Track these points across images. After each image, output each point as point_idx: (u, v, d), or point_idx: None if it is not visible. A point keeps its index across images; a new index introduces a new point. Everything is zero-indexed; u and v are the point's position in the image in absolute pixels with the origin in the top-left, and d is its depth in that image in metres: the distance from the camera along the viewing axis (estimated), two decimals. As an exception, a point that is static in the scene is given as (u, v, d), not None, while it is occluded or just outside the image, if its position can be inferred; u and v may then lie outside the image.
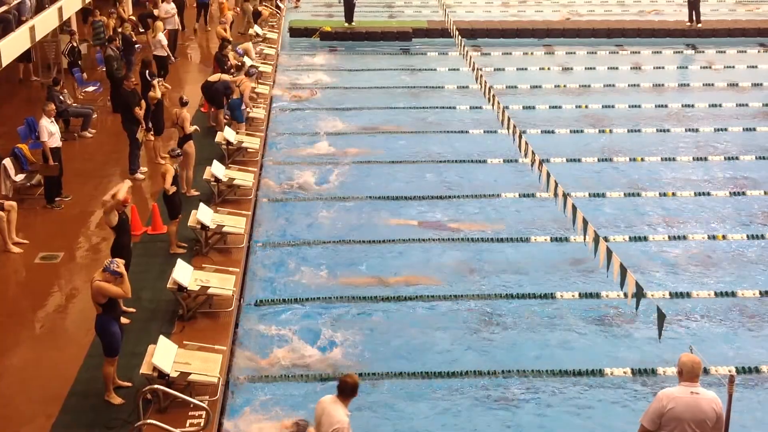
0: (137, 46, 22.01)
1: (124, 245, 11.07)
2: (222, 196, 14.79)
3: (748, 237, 14.31)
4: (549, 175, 13.54)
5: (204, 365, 9.63)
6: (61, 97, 17.29)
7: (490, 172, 17.16)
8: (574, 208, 12.34)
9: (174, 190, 12.75)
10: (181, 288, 11.06)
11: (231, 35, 22.88)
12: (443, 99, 21.90)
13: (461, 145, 18.56)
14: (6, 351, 10.57)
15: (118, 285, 9.31)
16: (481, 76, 19.68)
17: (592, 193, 15.85)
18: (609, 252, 10.88)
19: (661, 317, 9.64)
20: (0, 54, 15.67)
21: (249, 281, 12.86)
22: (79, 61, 20.76)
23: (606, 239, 12.39)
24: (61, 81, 17.97)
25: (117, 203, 10.76)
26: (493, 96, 18.06)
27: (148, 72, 17.63)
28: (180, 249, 12.93)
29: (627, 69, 24.73)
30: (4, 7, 16.16)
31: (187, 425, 9.03)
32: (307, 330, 11.63)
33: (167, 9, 23.72)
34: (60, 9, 18.84)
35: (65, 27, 20.96)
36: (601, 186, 16.30)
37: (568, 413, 10.09)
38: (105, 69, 19.74)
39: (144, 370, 9.34)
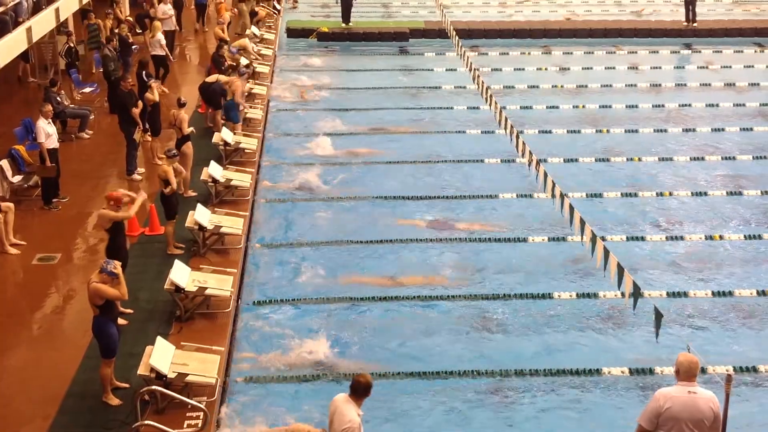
0: (134, 47, 22.00)
1: (119, 246, 11.07)
2: (219, 196, 14.78)
3: (745, 237, 14.33)
4: (546, 175, 13.55)
5: (202, 366, 9.62)
6: (59, 98, 17.27)
7: (487, 172, 17.17)
8: (571, 208, 12.35)
9: (174, 189, 12.76)
10: (179, 289, 11.05)
11: (228, 36, 22.87)
12: (440, 99, 21.91)
13: (458, 145, 18.57)
14: (4, 352, 10.55)
15: (114, 286, 9.30)
16: (479, 76, 19.69)
17: (589, 193, 15.87)
18: (606, 252, 10.89)
19: (659, 317, 9.64)
20: (-4, 55, 15.66)
21: (246, 282, 12.86)
22: (77, 63, 20.74)
23: (603, 239, 12.39)
24: (59, 82, 17.94)
25: (120, 217, 10.61)
26: (491, 96, 18.08)
27: (144, 73, 17.64)
28: (177, 250, 12.93)
29: (624, 69, 24.75)
30: (1, 8, 16.13)
31: (185, 426, 9.02)
32: (305, 330, 11.63)
33: (164, 10, 23.70)
34: (57, 10, 18.80)
35: (62, 28, 20.93)
36: (599, 186, 16.32)
37: (565, 413, 10.10)
38: (102, 70, 19.74)
39: (141, 371, 9.33)
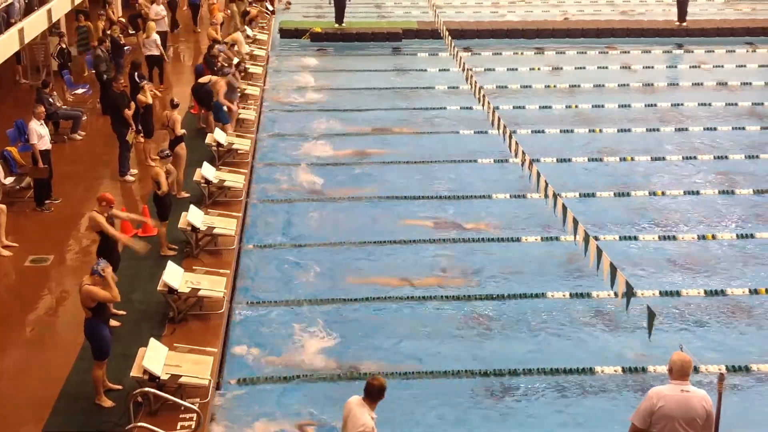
0: (126, 48, 21.96)
1: (111, 247, 11.04)
2: (212, 197, 14.77)
3: (737, 236, 14.36)
4: (539, 175, 13.57)
5: (195, 367, 9.61)
6: (51, 100, 17.23)
7: (480, 172, 17.18)
8: (564, 207, 12.37)
9: (166, 190, 12.74)
10: (172, 290, 11.03)
11: (221, 36, 22.84)
12: (433, 99, 21.91)
13: (451, 146, 18.57)
14: (-4, 354, 10.55)
15: (105, 289, 9.28)
16: (471, 76, 19.71)
17: (582, 193, 15.89)
18: (599, 251, 10.92)
19: (651, 316, 9.67)
20: (-11, 56, 15.63)
21: (240, 283, 12.84)
22: (69, 64, 20.70)
23: (596, 238, 12.41)
24: (51, 83, 17.91)
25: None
26: (483, 96, 18.09)
27: (137, 74, 17.59)
28: (170, 251, 12.91)
29: (617, 69, 24.78)
30: (-8, 10, 16.11)
31: (178, 428, 9.02)
32: (299, 331, 11.62)
33: (157, 11, 23.68)
34: (49, 11, 18.76)
35: (54, 29, 20.89)
36: (591, 185, 16.34)
37: (558, 412, 10.12)
38: (94, 71, 19.70)
39: (134, 372, 9.32)
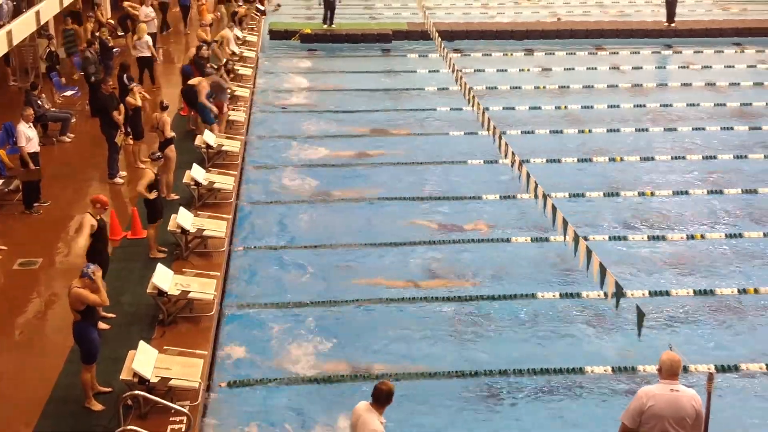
0: (115, 50, 21.91)
1: (100, 250, 11.01)
2: (202, 199, 14.74)
3: (726, 235, 14.42)
4: (529, 176, 13.59)
5: (185, 370, 9.58)
6: (39, 102, 17.18)
7: (470, 173, 17.20)
8: (554, 208, 12.40)
9: (154, 196, 12.67)
10: (162, 293, 11.00)
11: (210, 38, 22.81)
12: (423, 100, 21.94)
13: (441, 147, 18.58)
14: (-15, 358, 10.49)
15: (95, 291, 9.26)
16: (461, 77, 19.74)
17: (571, 193, 15.92)
18: (589, 251, 10.94)
19: (641, 316, 9.70)
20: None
21: (230, 285, 12.82)
22: (57, 66, 20.63)
23: (586, 239, 12.44)
24: (39, 85, 17.84)
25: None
26: (473, 97, 18.12)
27: (126, 76, 17.55)
28: (160, 253, 12.88)
29: (606, 69, 24.87)
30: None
31: (168, 431, 8.99)
32: (289, 333, 11.61)
33: (146, 12, 23.67)
34: (37, 13, 18.69)
35: (43, 31, 20.81)
36: (581, 186, 16.38)
37: (549, 411, 10.14)
38: (83, 73, 19.64)
39: (124, 375, 9.29)
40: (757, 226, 14.82)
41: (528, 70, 24.80)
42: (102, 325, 10.38)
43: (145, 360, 9.43)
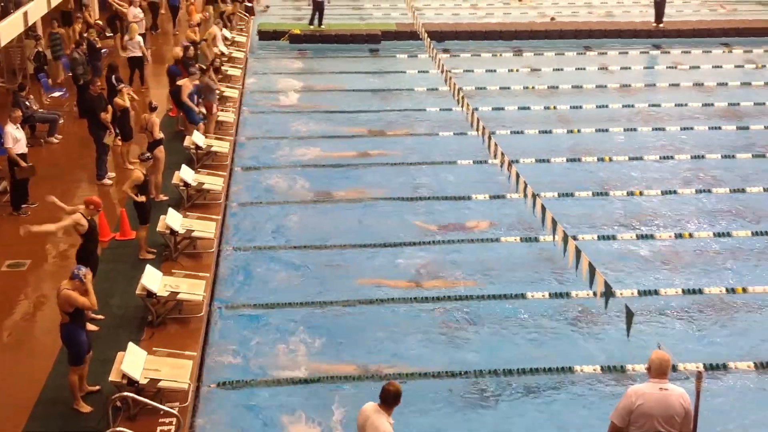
0: (103, 51, 21.85)
1: (90, 251, 10.98)
2: (191, 200, 14.71)
3: (714, 234, 14.47)
4: (518, 176, 13.62)
5: (174, 372, 9.56)
6: (27, 103, 17.11)
7: (460, 173, 17.21)
8: (543, 208, 12.42)
9: (142, 199, 12.62)
10: (151, 294, 10.97)
11: (199, 37, 22.79)
12: (413, 101, 21.95)
13: (431, 147, 18.60)
14: (-28, 360, 10.44)
15: (84, 294, 9.22)
16: (450, 77, 19.76)
17: (560, 193, 15.96)
18: (578, 251, 10.97)
19: (630, 315, 9.73)
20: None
21: (219, 286, 12.79)
22: (45, 67, 20.55)
23: (575, 238, 12.48)
24: (27, 86, 17.76)
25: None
26: (463, 97, 18.14)
27: (114, 77, 17.51)
28: (149, 254, 12.84)
29: (594, 70, 24.94)
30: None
31: (158, 432, 8.98)
32: (279, 334, 11.60)
33: (135, 13, 23.63)
34: (25, 14, 18.62)
35: (30, 32, 20.74)
36: (570, 186, 16.41)
37: (539, 411, 10.15)
38: (71, 74, 19.58)
39: (113, 377, 9.26)
40: (745, 225, 14.88)
41: (517, 70, 24.85)
42: (90, 327, 10.35)
43: (134, 361, 9.40)
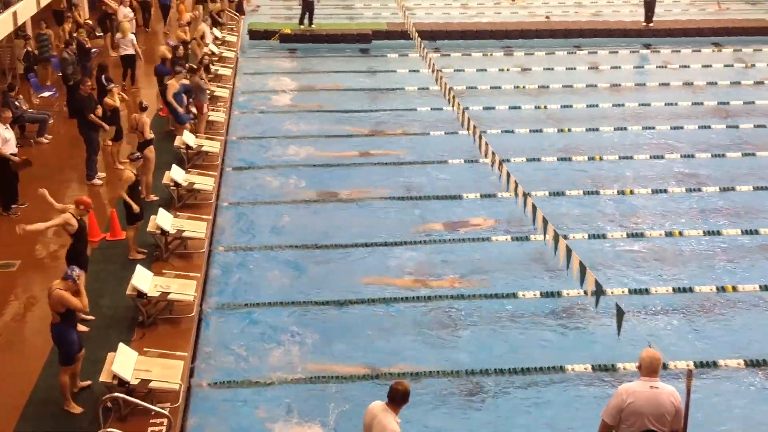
0: (93, 51, 21.78)
1: (80, 252, 10.94)
2: (182, 200, 14.68)
3: (704, 233, 14.52)
4: (509, 175, 13.64)
5: (165, 372, 9.54)
6: (17, 103, 17.04)
7: (451, 172, 17.23)
8: (534, 207, 12.45)
9: (136, 209, 12.58)
10: (141, 294, 10.95)
11: (189, 37, 22.74)
12: (403, 100, 21.95)
13: (422, 146, 18.61)
14: (-38, 361, 10.39)
15: (76, 295, 9.19)
16: (441, 77, 19.77)
17: (551, 192, 15.99)
18: (569, 250, 11.00)
19: (620, 314, 9.76)
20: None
21: (210, 286, 12.77)
22: (35, 67, 20.47)
23: (565, 237, 12.51)
24: (17, 86, 17.69)
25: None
26: (453, 97, 18.15)
27: (104, 76, 17.46)
28: (139, 255, 12.81)
29: (585, 69, 24.99)
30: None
31: (149, 432, 8.96)
32: (270, 334, 11.59)
33: (125, 13, 23.59)
34: (14, 14, 18.54)
35: (20, 32, 20.65)
36: (561, 185, 16.45)
37: (530, 410, 10.17)
38: (61, 74, 19.51)
39: (104, 378, 9.24)
40: (735, 223, 14.94)
41: (508, 69, 24.88)
42: (81, 327, 10.30)
43: (125, 362, 9.38)
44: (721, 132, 19.62)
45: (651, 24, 28.93)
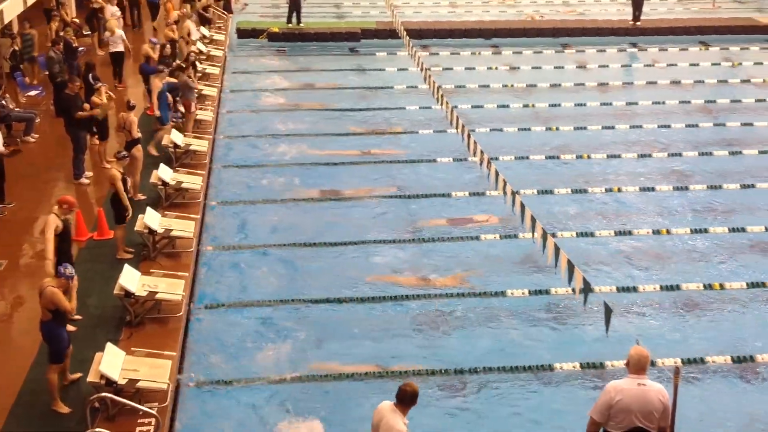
0: (80, 49, 21.67)
1: (65, 251, 10.90)
2: (170, 199, 14.63)
3: (691, 231, 14.59)
4: (498, 173, 13.65)
5: (153, 371, 9.51)
6: (3, 102, 16.95)
7: (439, 171, 17.23)
8: (522, 205, 12.46)
9: (129, 215, 12.55)
10: (129, 294, 10.90)
11: (178, 35, 22.67)
12: (392, 99, 21.94)
13: (411, 145, 18.61)
14: (-52, 362, 10.32)
15: (67, 293, 9.16)
16: (430, 75, 19.77)
17: (540, 190, 16.02)
18: (557, 248, 11.02)
19: (608, 311, 9.79)
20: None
21: (198, 285, 12.73)
22: (21, 66, 20.35)
23: (554, 235, 12.54)
24: (3, 85, 17.59)
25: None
26: (442, 95, 18.16)
27: (91, 75, 17.38)
28: (127, 254, 12.76)
29: (573, 68, 25.05)
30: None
31: (137, 432, 8.93)
32: (258, 333, 11.57)
33: (112, 11, 23.47)
34: (1, 13, 18.44)
35: (6, 31, 20.52)
36: (549, 183, 16.48)
37: (519, 408, 10.19)
38: (47, 73, 19.41)
39: (91, 377, 9.19)
40: (722, 221, 15.01)
41: (496, 68, 24.90)
42: (69, 327, 10.24)
43: (113, 362, 9.34)
44: (709, 130, 19.70)
45: (638, 23, 29.02)
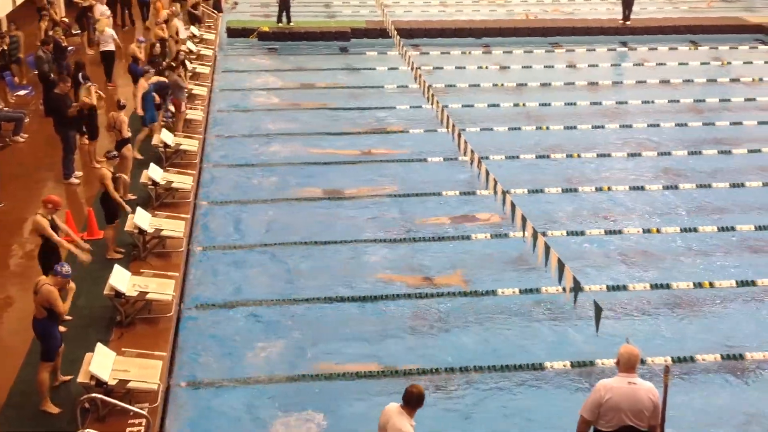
0: (69, 49, 21.59)
1: (51, 250, 10.85)
2: (160, 199, 14.60)
3: (681, 230, 14.64)
4: (488, 173, 13.67)
5: (143, 372, 9.49)
6: (-8, 102, 16.90)
7: (429, 170, 17.25)
8: (512, 204, 12.49)
9: (119, 200, 12.51)
10: (119, 294, 10.88)
11: (168, 34, 22.60)
12: (383, 98, 21.95)
13: (401, 144, 18.61)
14: (-63, 363, 10.27)
15: (62, 290, 9.15)
16: (420, 75, 19.78)
17: (530, 189, 16.06)
18: (547, 247, 11.05)
19: (598, 310, 9.83)
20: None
21: (189, 285, 12.71)
22: (10, 65, 20.26)
23: (544, 234, 12.56)
24: (-9, 85, 17.55)
25: (56, 241, 9.76)
26: (432, 95, 18.17)
27: (81, 74, 17.32)
28: (117, 254, 12.73)
29: (563, 67, 25.11)
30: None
31: (127, 433, 8.91)
32: (249, 333, 11.55)
33: (102, 10, 23.40)
34: (-11, 12, 18.40)
35: (-5, 30, 20.48)
36: (539, 182, 16.52)
37: (509, 407, 10.20)
38: (37, 72, 19.34)
39: (81, 378, 9.17)
40: (711, 220, 15.07)
41: (486, 67, 24.94)
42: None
43: (103, 362, 9.32)
44: (698, 129, 19.77)
45: (628, 22, 29.11)
